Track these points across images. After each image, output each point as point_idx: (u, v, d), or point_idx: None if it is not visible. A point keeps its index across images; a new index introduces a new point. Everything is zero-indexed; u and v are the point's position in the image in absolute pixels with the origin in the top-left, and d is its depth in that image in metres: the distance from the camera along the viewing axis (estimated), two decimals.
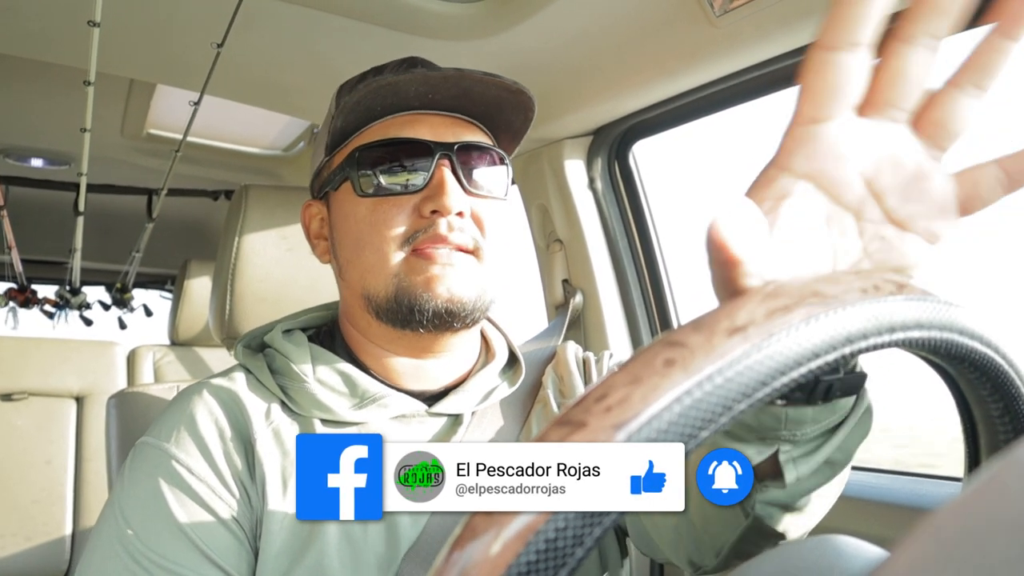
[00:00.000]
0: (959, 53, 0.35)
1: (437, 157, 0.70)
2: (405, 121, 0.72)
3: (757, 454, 0.51)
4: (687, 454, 0.25)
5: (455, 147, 0.71)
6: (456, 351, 0.77)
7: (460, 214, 0.69)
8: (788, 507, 0.55)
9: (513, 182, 1.62)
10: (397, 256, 0.69)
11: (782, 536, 0.58)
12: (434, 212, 0.69)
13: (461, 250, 0.70)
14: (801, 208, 0.35)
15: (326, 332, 0.81)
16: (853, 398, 0.49)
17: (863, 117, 0.35)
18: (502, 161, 0.75)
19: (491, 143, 0.76)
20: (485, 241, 0.72)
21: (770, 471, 0.53)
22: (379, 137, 0.71)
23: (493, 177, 0.74)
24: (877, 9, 0.32)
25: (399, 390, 0.74)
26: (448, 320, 0.69)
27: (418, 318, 0.69)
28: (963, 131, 0.35)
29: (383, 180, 0.70)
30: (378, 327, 0.73)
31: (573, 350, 0.87)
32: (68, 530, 1.98)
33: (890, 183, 0.35)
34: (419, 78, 0.67)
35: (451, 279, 0.69)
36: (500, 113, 0.74)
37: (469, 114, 0.74)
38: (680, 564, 0.69)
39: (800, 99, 0.34)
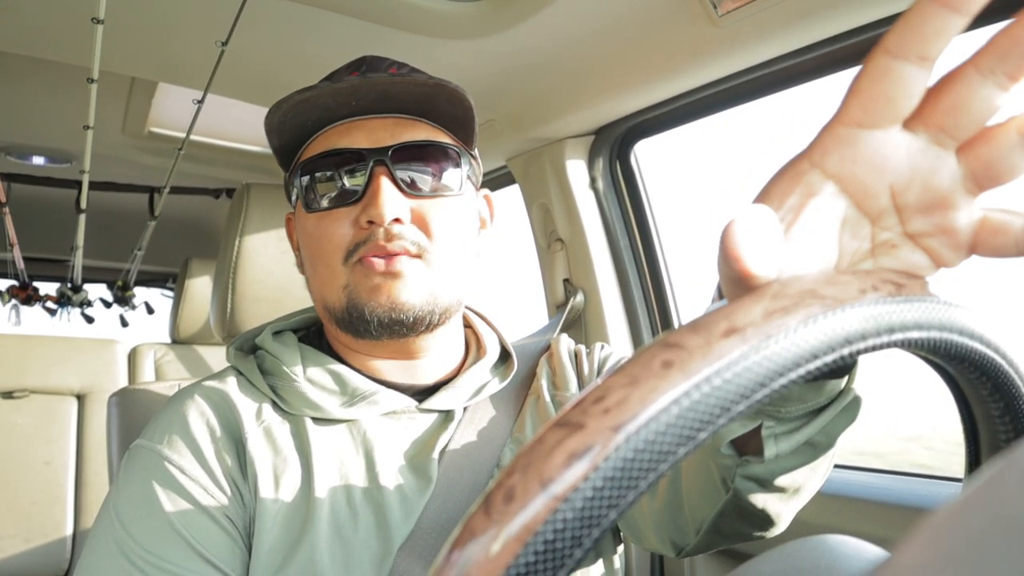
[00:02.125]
0: None
1: (372, 164, 0.69)
2: (344, 130, 0.71)
3: (740, 427, 0.52)
4: (684, 456, 0.25)
5: (389, 151, 0.69)
6: (436, 351, 0.76)
7: (399, 220, 0.68)
8: (768, 486, 0.56)
9: (512, 181, 1.62)
10: (345, 268, 0.70)
11: (761, 515, 0.59)
12: (370, 222, 0.68)
13: (407, 254, 0.69)
14: (823, 208, 0.33)
15: (315, 332, 0.81)
16: (842, 382, 0.49)
17: (910, 131, 0.33)
18: (451, 155, 0.73)
19: (440, 139, 0.73)
20: (432, 243, 0.70)
21: (751, 445, 0.54)
22: (320, 150, 0.71)
23: (439, 174, 0.72)
24: (955, 27, 0.30)
25: (389, 387, 0.74)
26: (395, 327, 0.69)
27: (366, 327, 0.69)
28: (1012, 177, 0.32)
29: (324, 193, 0.71)
30: (342, 336, 0.74)
31: (566, 343, 0.87)
32: (68, 531, 1.97)
33: (917, 202, 0.33)
34: (327, 92, 0.67)
35: (393, 287, 0.68)
36: (435, 107, 0.71)
37: (405, 112, 0.72)
38: (663, 547, 0.70)
39: (849, 99, 0.32)
